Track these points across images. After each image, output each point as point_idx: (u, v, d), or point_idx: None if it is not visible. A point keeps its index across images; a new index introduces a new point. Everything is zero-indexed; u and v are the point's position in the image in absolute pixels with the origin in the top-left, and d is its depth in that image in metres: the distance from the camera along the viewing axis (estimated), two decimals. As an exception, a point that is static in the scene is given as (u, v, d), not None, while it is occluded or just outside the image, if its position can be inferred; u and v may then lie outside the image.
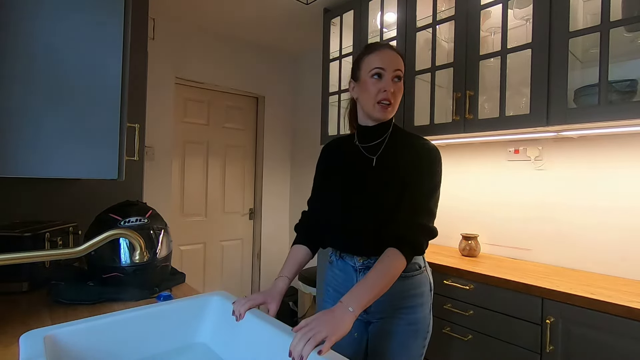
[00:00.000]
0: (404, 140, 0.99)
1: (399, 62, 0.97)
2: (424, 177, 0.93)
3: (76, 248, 0.70)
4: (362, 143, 1.03)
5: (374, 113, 0.97)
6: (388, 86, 0.94)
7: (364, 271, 0.99)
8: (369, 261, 0.98)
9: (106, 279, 1.03)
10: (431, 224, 0.92)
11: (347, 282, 1.03)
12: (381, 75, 0.95)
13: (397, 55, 0.98)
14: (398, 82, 0.97)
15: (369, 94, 0.96)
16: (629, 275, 1.44)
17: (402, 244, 0.86)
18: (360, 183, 0.99)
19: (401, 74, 0.97)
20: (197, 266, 2.84)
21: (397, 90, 0.97)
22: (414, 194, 0.92)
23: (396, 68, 0.96)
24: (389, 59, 0.96)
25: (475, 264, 1.60)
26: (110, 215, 1.07)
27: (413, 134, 1.02)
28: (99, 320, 0.77)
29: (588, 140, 1.56)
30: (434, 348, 1.59)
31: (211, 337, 0.89)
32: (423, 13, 1.88)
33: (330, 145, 1.14)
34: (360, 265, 1.00)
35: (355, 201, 0.98)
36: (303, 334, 0.67)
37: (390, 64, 0.95)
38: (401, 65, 0.97)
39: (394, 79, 0.96)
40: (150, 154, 2.49)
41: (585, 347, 1.18)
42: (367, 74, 0.97)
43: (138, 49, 1.58)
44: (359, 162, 1.01)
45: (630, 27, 1.31)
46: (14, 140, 0.72)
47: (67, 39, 0.78)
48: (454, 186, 2.04)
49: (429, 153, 0.96)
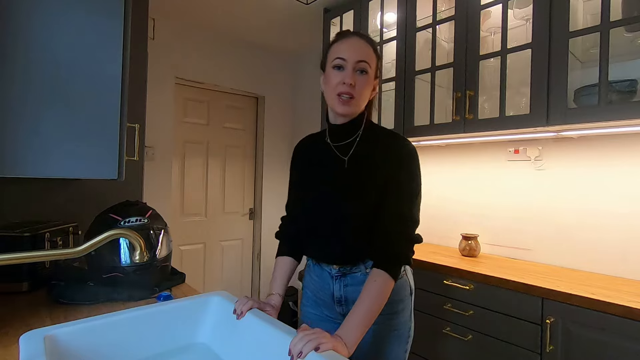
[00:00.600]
0: (379, 140, 0.91)
1: (365, 52, 0.87)
2: (404, 183, 0.87)
3: (76, 248, 0.70)
4: (333, 142, 0.96)
5: (335, 107, 0.89)
6: (347, 78, 0.85)
7: (341, 278, 0.93)
8: (344, 268, 0.93)
9: (106, 278, 1.03)
10: (415, 232, 0.88)
11: (324, 289, 0.98)
12: (342, 67, 0.87)
13: (364, 44, 0.88)
14: (363, 75, 0.87)
15: (330, 86, 0.89)
16: (628, 275, 1.44)
17: (390, 264, 0.83)
18: (332, 186, 0.92)
19: (367, 66, 0.87)
20: (197, 266, 2.84)
21: (362, 83, 0.87)
22: (396, 201, 0.86)
23: (360, 59, 0.86)
24: (353, 48, 0.87)
25: (475, 264, 1.60)
26: (110, 215, 1.07)
27: (390, 131, 0.95)
28: (99, 320, 0.77)
29: (588, 140, 1.56)
30: (435, 348, 1.59)
31: (211, 337, 0.89)
32: (423, 13, 1.88)
33: (302, 144, 1.07)
34: (336, 273, 0.94)
35: (328, 205, 0.91)
36: (305, 334, 0.67)
37: (354, 54, 0.86)
38: (368, 57, 0.87)
39: (356, 71, 0.86)
40: (150, 154, 2.49)
41: (585, 347, 1.18)
42: (330, 64, 0.89)
43: (138, 49, 1.58)
44: (330, 163, 0.94)
45: (630, 27, 1.31)
46: (14, 140, 0.72)
47: (67, 39, 0.78)
48: (454, 186, 2.04)
49: (408, 155, 0.89)
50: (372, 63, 0.89)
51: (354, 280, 0.92)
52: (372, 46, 0.90)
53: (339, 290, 0.94)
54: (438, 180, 2.12)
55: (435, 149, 2.14)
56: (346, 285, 0.93)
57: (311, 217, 0.96)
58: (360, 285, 0.89)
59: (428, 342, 1.61)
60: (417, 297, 1.66)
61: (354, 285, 0.92)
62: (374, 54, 0.90)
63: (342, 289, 0.94)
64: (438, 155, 2.13)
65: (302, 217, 1.00)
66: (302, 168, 1.03)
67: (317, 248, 0.97)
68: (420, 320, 1.65)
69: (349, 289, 0.93)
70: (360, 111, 0.92)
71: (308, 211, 0.97)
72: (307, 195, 0.97)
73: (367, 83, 0.88)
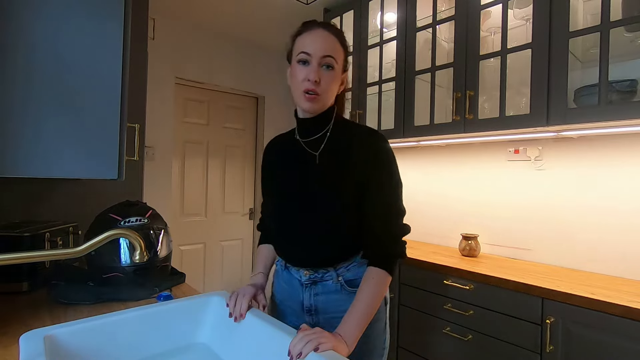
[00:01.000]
0: (352, 135, 0.87)
1: (330, 46, 0.82)
2: (385, 178, 0.84)
3: (76, 248, 0.70)
4: (302, 138, 0.91)
5: (300, 104, 0.85)
6: (311, 74, 0.81)
7: (311, 287, 0.88)
8: (316, 275, 0.87)
9: (106, 278, 1.03)
10: (403, 222, 0.86)
11: (292, 298, 0.92)
12: (307, 62, 0.82)
13: (330, 37, 0.83)
14: (329, 71, 0.83)
15: (295, 82, 0.85)
16: (628, 275, 1.44)
17: (384, 259, 0.82)
18: (302, 184, 0.88)
19: (333, 61, 0.82)
20: (197, 266, 2.84)
21: (327, 79, 0.83)
22: (380, 197, 0.83)
23: (325, 54, 0.81)
24: (318, 42, 0.82)
25: (475, 264, 1.60)
26: (110, 215, 1.07)
27: (364, 127, 0.91)
28: (99, 320, 0.77)
29: (588, 140, 1.56)
30: (435, 348, 1.59)
31: (211, 337, 0.89)
32: (423, 13, 1.88)
33: (271, 144, 1.03)
34: (306, 280, 0.88)
35: (297, 205, 0.88)
36: (305, 334, 0.67)
37: (319, 48, 0.81)
38: (334, 50, 0.83)
39: (322, 66, 0.82)
40: (150, 154, 2.49)
41: (585, 347, 1.17)
42: (295, 58, 0.84)
43: (138, 49, 1.58)
44: (300, 160, 0.90)
45: (630, 27, 1.31)
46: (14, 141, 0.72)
47: (67, 39, 0.78)
48: (454, 186, 2.04)
49: (385, 151, 0.85)
50: (338, 57, 0.84)
51: (325, 289, 0.87)
52: (339, 38, 0.85)
53: (309, 299, 0.89)
54: (438, 180, 2.12)
55: (435, 149, 2.14)
56: (317, 294, 0.88)
57: (280, 218, 0.93)
58: (332, 295, 0.87)
59: (428, 342, 1.61)
60: (418, 297, 1.66)
61: (325, 294, 0.88)
62: (340, 46, 0.85)
63: (312, 298, 0.89)
64: (438, 155, 2.13)
65: (272, 217, 0.98)
66: (272, 167, 0.99)
67: (286, 251, 0.93)
68: (420, 320, 1.65)
69: (320, 298, 0.88)
70: (327, 105, 0.88)
71: (277, 212, 0.94)
72: (277, 195, 0.95)
73: (333, 79, 0.84)
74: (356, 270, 0.88)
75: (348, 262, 0.88)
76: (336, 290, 0.87)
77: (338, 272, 0.87)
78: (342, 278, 0.87)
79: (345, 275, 0.87)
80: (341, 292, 0.87)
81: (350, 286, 0.87)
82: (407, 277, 1.71)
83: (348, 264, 0.88)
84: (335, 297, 0.87)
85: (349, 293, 0.86)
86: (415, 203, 2.21)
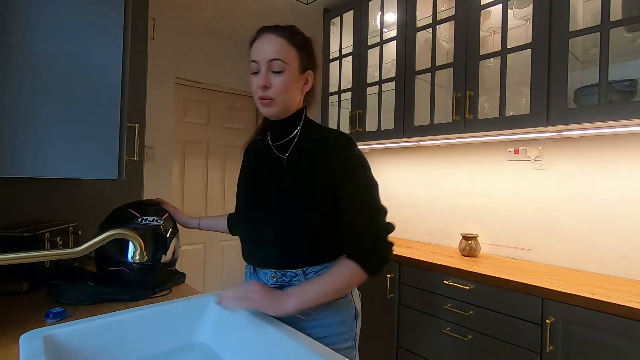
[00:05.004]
0: (318, 137, 0.87)
1: (276, 48, 0.81)
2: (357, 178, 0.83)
3: (76, 248, 0.70)
4: (272, 141, 0.92)
5: (260, 110, 0.86)
6: (260, 80, 0.81)
7: None
8: (283, 279, 0.85)
9: (112, 272, 1.04)
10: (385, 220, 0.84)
11: None
12: (257, 70, 0.83)
13: (277, 39, 0.82)
14: (279, 74, 0.82)
15: (252, 90, 0.86)
16: (628, 275, 1.44)
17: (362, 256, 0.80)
18: (270, 186, 0.88)
19: (282, 64, 0.81)
20: (197, 266, 2.84)
21: (278, 83, 0.82)
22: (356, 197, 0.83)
23: (272, 58, 0.80)
24: (264, 47, 0.81)
25: (475, 264, 1.60)
26: (129, 210, 1.08)
27: (330, 129, 0.91)
28: (99, 320, 0.77)
29: (588, 140, 1.56)
30: (435, 348, 1.59)
31: (211, 337, 0.89)
32: (423, 13, 1.88)
33: (248, 146, 1.04)
34: (273, 283, 0.86)
35: (265, 206, 0.88)
36: (241, 290, 0.76)
37: (264, 54, 0.81)
38: (281, 52, 0.81)
39: (271, 71, 0.82)
40: (150, 154, 2.49)
41: (585, 347, 1.18)
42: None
43: (138, 48, 1.58)
44: (270, 163, 0.90)
45: (630, 27, 1.31)
46: (14, 140, 0.72)
47: (67, 39, 0.78)
48: (454, 186, 2.04)
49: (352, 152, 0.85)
50: (288, 58, 0.82)
51: None
52: (288, 38, 0.83)
53: None
54: (438, 180, 2.12)
55: (435, 149, 2.14)
56: None
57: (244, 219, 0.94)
58: None
59: (428, 342, 1.61)
60: (418, 297, 1.66)
61: None
62: (291, 46, 0.83)
63: None
64: (438, 155, 2.13)
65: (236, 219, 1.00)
66: (245, 169, 1.01)
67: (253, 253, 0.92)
68: (420, 320, 1.65)
69: None
70: (290, 108, 0.87)
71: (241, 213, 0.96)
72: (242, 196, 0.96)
73: (285, 81, 0.82)
74: None
75: (318, 266, 0.85)
76: None
77: (306, 275, 0.85)
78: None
79: None
80: None
81: None
82: (407, 277, 1.71)
83: (319, 268, 0.85)
84: None
85: None
86: (415, 203, 2.21)
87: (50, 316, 0.84)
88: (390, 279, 1.76)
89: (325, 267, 0.85)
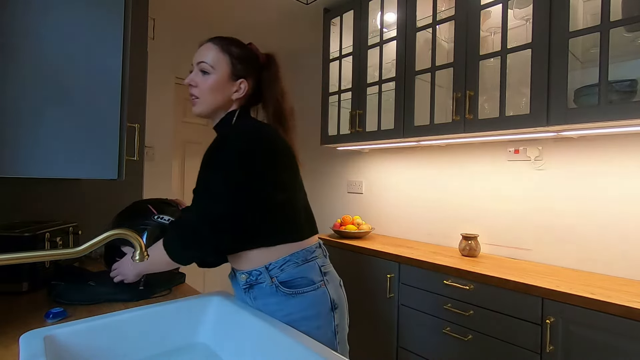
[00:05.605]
0: None
1: (205, 53, 0.91)
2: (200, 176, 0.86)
3: (76, 248, 0.69)
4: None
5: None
6: (187, 79, 0.92)
7: (249, 290, 0.90)
8: (250, 278, 0.88)
9: None
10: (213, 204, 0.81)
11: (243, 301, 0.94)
12: (192, 72, 0.93)
13: (210, 46, 0.92)
14: (204, 75, 0.91)
15: None
16: (629, 275, 1.44)
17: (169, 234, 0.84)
18: None
19: (207, 66, 0.90)
20: (197, 266, 2.83)
21: (202, 83, 0.91)
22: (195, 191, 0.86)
23: (199, 60, 0.91)
24: (199, 52, 0.93)
25: (475, 264, 1.60)
26: (148, 205, 1.08)
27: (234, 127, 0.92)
28: (99, 320, 0.77)
29: (588, 140, 1.56)
30: (435, 348, 1.59)
31: (211, 337, 0.89)
32: (423, 13, 1.88)
33: None
34: (244, 284, 0.90)
35: None
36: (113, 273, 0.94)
37: (197, 57, 0.92)
38: (209, 57, 0.91)
39: (200, 73, 0.91)
40: (150, 154, 2.49)
41: (585, 347, 1.18)
42: None
43: (138, 49, 1.58)
44: None
45: (630, 27, 1.31)
46: (14, 141, 0.72)
47: (67, 39, 0.78)
48: (454, 186, 2.04)
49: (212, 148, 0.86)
50: (216, 63, 0.91)
51: (262, 292, 0.87)
52: (221, 46, 0.92)
53: (251, 302, 0.91)
54: (438, 180, 2.12)
55: (435, 149, 2.14)
56: (255, 297, 0.89)
57: None
58: (269, 298, 0.86)
59: (428, 342, 1.61)
60: (418, 296, 1.66)
61: (262, 297, 0.87)
62: (220, 53, 0.91)
63: (252, 302, 0.90)
64: (438, 155, 2.13)
65: None
66: None
67: None
68: (420, 320, 1.65)
69: (259, 302, 0.88)
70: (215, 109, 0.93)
71: None
72: None
73: (209, 82, 0.90)
74: (292, 270, 0.86)
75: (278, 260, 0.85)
76: (272, 293, 0.85)
77: (271, 274, 0.86)
78: (277, 279, 0.85)
79: (279, 276, 0.85)
80: (277, 294, 0.85)
81: (286, 287, 0.85)
82: (407, 277, 1.71)
83: (282, 263, 0.86)
84: (273, 300, 0.85)
85: (285, 294, 0.84)
86: (415, 203, 2.21)
87: (50, 316, 0.84)
88: (390, 279, 1.76)
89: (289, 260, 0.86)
